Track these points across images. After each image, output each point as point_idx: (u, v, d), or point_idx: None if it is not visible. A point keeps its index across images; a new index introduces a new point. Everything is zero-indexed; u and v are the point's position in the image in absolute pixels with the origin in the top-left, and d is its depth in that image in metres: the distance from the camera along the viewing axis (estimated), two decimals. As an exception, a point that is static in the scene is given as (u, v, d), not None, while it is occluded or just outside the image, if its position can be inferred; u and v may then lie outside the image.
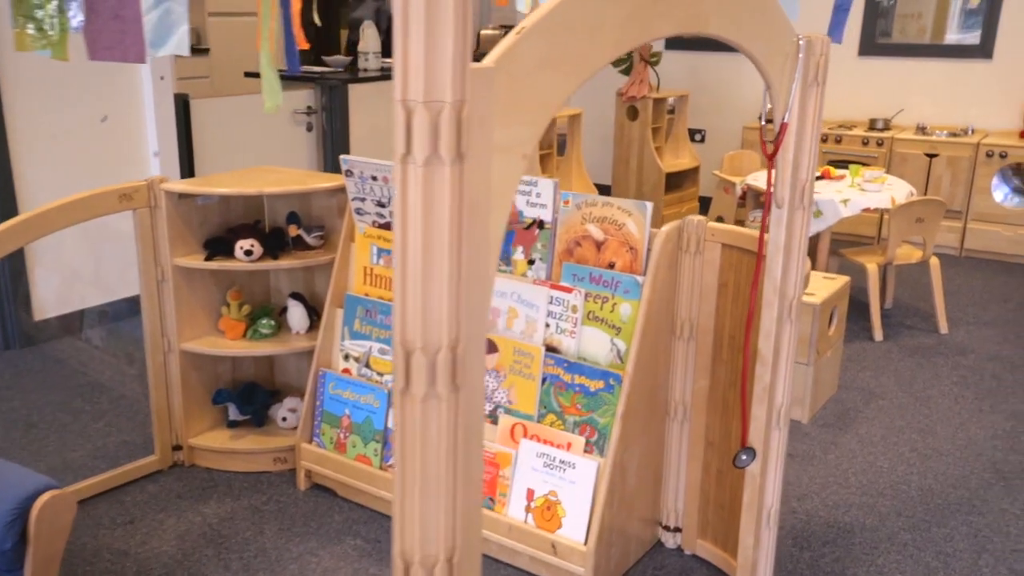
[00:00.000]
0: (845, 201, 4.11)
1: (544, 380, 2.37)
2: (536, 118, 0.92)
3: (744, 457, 1.76)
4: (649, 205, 2.28)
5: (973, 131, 5.60)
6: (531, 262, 2.46)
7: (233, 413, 2.90)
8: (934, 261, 4.17)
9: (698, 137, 6.77)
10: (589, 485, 2.25)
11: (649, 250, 2.25)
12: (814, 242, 4.37)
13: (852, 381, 3.64)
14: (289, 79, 5.41)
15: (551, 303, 2.38)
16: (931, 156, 5.47)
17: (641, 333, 2.21)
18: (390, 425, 2.61)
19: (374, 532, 2.56)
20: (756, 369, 1.77)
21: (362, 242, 2.71)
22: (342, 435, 2.68)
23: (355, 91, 5.26)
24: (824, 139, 5.81)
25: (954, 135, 5.57)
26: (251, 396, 2.93)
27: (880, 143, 5.62)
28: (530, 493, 2.34)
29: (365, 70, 5.76)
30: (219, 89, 7.08)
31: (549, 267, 2.44)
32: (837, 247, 5.46)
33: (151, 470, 2.80)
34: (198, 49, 7.92)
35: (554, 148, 4.72)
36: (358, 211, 2.70)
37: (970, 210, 5.43)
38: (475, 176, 0.84)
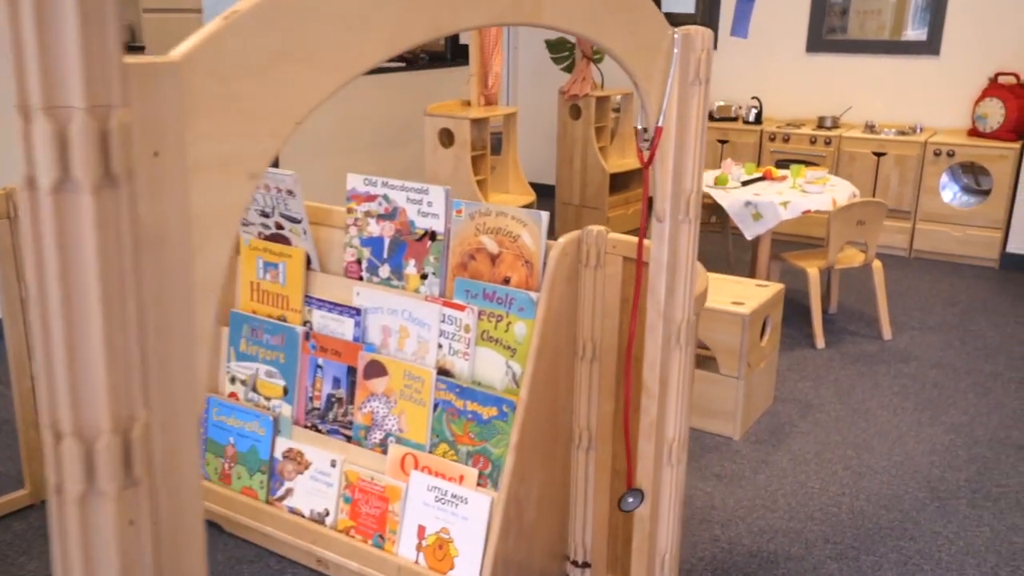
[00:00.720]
0: (785, 203, 3.95)
1: (436, 406, 2.17)
2: (270, 128, 0.72)
3: (631, 500, 1.57)
4: (544, 215, 2.08)
5: (921, 129, 5.48)
6: (424, 277, 2.26)
7: (114, 441, 2.67)
8: (877, 264, 4.03)
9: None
10: (482, 521, 2.06)
11: (545, 264, 2.06)
12: (755, 245, 4.22)
13: (790, 392, 3.48)
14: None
15: (443, 322, 2.18)
16: (879, 155, 5.35)
17: (536, 355, 2.02)
18: (277, 455, 2.40)
19: (260, 572, 2.35)
20: (642, 401, 1.59)
21: (248, 255, 2.50)
22: (227, 465, 2.47)
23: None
24: (772, 138, 5.67)
25: (902, 133, 5.45)
26: (135, 422, 2.70)
27: (828, 142, 5.49)
28: (421, 530, 2.15)
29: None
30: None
31: (443, 282, 2.24)
32: (786, 249, 5.32)
33: (21, 505, 2.57)
34: (133, 47, 7.64)
35: (488, 148, 4.53)
36: (242, 221, 2.48)
37: (918, 210, 5.32)
38: (159, 205, 0.64)
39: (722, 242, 5.41)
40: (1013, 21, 5.21)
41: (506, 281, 2.14)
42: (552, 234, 2.20)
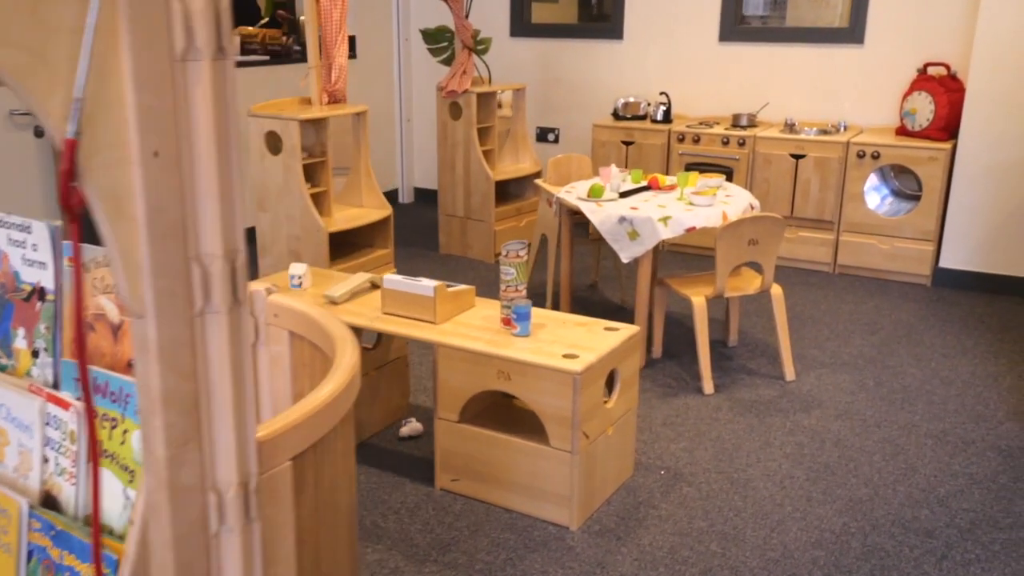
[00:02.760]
0: (665, 219, 3.28)
1: (30, 555, 1.46)
2: None
3: None
4: (171, 268, 1.38)
5: (846, 127, 4.85)
6: (35, 354, 1.55)
7: None
8: (776, 291, 3.37)
9: (551, 137, 5.93)
10: None
11: (172, 343, 1.36)
12: (633, 270, 3.55)
13: (658, 456, 2.81)
14: None
15: (48, 424, 1.47)
16: (798, 157, 4.70)
17: (153, 485, 1.32)
18: None
19: None
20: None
21: None
22: None
23: (100, 87, 4.27)
24: (680, 139, 5.01)
25: (825, 132, 4.81)
26: None
27: (742, 143, 4.84)
28: None
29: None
30: None
31: (56, 363, 1.53)
32: (686, 266, 4.66)
33: None
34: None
35: (328, 154, 3.81)
36: None
37: (842, 220, 4.68)
38: None
39: (614, 261, 4.74)
40: (943, 3, 4.59)
41: (131, 365, 1.43)
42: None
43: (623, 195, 3.60)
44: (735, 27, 5.19)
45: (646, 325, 3.47)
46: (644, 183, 3.76)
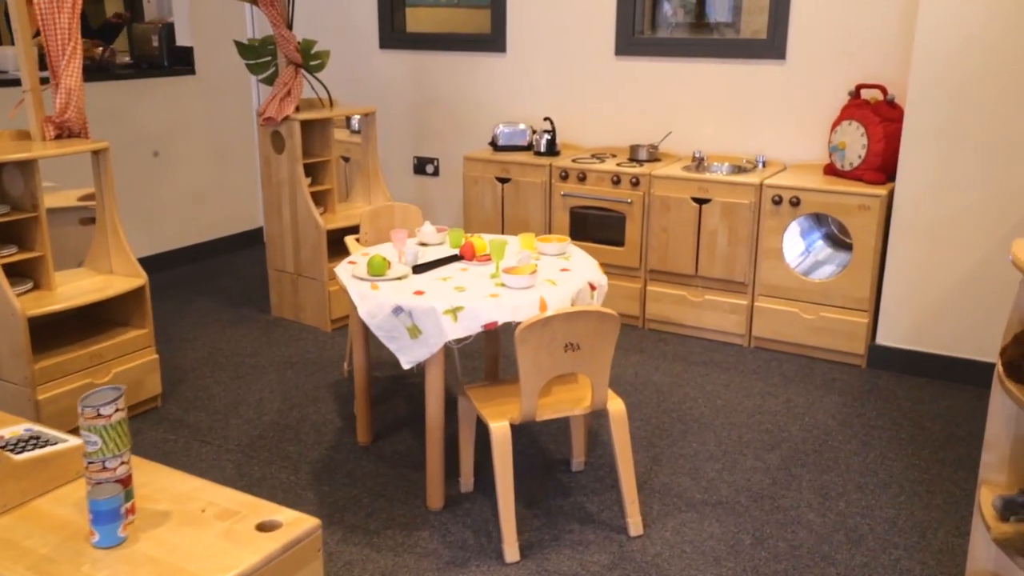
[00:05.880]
0: (456, 311, 2.31)
1: None
2: None
3: None
4: None
5: (765, 163, 3.88)
6: None
7: None
8: (616, 409, 2.39)
9: (430, 169, 4.97)
10: None
11: None
12: (421, 377, 2.56)
13: None
14: None
15: None
16: (701, 202, 3.73)
17: None
18: None
19: None
20: None
21: None
22: None
23: None
24: (563, 176, 4.04)
25: (740, 169, 3.85)
26: None
27: (635, 182, 3.87)
28: None
29: None
30: None
31: None
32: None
33: None
34: None
35: (40, 207, 2.82)
36: None
37: (757, 282, 3.70)
38: None
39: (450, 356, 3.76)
40: (876, 13, 3.63)
41: None
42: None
43: (418, 269, 2.63)
44: (633, 38, 4.23)
45: (441, 455, 2.49)
46: (456, 250, 2.80)
